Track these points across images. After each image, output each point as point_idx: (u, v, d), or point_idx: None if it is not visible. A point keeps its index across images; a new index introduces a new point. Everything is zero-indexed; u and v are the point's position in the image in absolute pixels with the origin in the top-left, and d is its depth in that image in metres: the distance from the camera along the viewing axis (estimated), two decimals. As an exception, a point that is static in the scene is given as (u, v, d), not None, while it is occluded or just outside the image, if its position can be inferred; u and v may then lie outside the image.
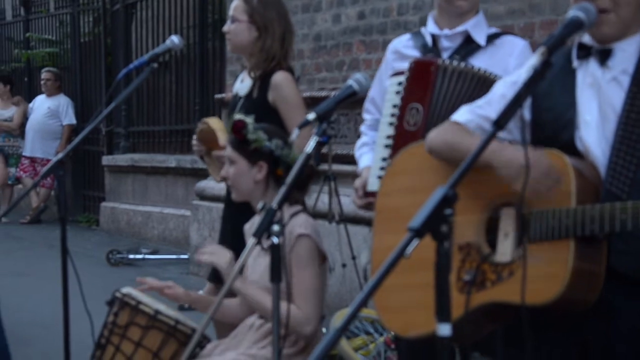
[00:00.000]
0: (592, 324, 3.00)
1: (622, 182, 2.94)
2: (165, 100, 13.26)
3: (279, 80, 5.15)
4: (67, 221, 5.41)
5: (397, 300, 3.17)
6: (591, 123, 3.03)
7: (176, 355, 4.26)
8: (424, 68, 3.95)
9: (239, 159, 4.38)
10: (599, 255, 2.93)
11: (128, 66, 5.64)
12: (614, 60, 3.04)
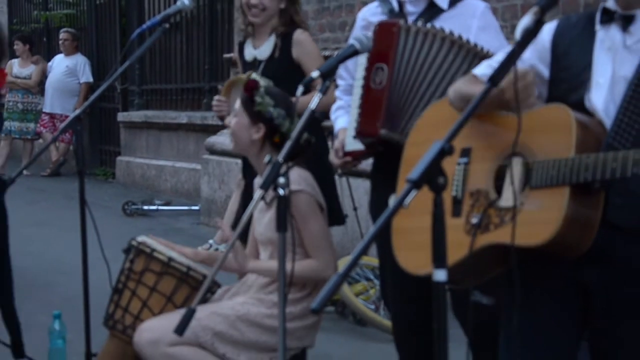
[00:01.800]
0: (589, 270, 3.00)
1: (625, 138, 2.93)
2: (176, 59, 13.24)
3: (302, 38, 5.24)
4: (84, 174, 5.42)
5: (413, 241, 3.17)
6: (603, 85, 3.01)
7: (188, 299, 4.28)
8: (387, 29, 3.94)
9: (242, 114, 4.40)
10: (594, 204, 2.92)
11: (141, 26, 5.63)
12: (636, 26, 3.00)
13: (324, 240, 4.38)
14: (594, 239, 2.92)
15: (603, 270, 2.99)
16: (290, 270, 3.76)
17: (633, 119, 2.94)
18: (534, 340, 3.09)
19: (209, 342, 4.23)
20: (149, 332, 4.26)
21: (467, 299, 3.54)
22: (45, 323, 5.71)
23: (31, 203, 11.75)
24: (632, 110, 2.94)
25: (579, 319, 3.13)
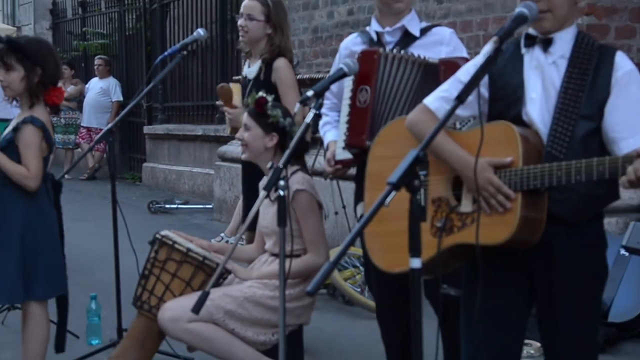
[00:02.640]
0: (536, 257, 3.01)
1: (560, 145, 2.95)
2: (193, 81, 13.23)
3: (279, 65, 5.17)
4: (116, 178, 5.46)
5: (384, 243, 3.19)
6: (536, 99, 3.02)
7: (204, 284, 4.26)
8: (369, 56, 3.93)
9: (255, 127, 4.39)
10: (541, 205, 2.93)
11: (163, 53, 5.66)
12: (554, 47, 3.03)
13: (319, 233, 4.39)
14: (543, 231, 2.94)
15: (546, 258, 3.01)
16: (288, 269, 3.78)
17: (564, 128, 2.95)
18: (493, 317, 3.09)
19: (221, 320, 4.23)
20: (171, 311, 4.26)
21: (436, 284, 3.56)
22: (83, 303, 5.72)
23: (71, 202, 11.69)
24: (563, 120, 2.96)
25: (528, 298, 3.14)
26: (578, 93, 2.97)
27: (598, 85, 2.97)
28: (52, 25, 19.30)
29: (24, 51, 4.39)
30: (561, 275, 3.03)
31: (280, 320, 3.66)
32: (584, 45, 3.03)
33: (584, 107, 2.96)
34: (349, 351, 5.49)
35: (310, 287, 2.58)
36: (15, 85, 4.38)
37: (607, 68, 2.98)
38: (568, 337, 3.09)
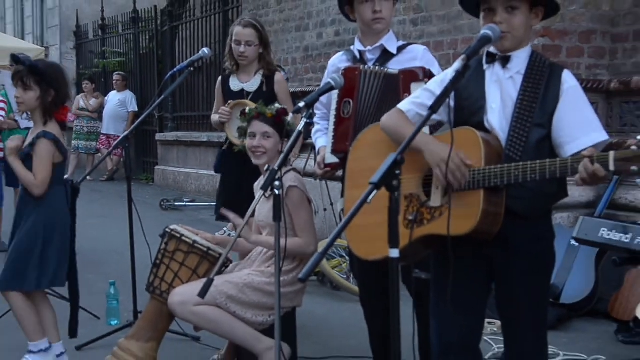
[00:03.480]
0: (495, 248, 3.02)
1: (517, 148, 2.97)
2: (199, 93, 13.23)
3: (279, 79, 5.24)
4: (131, 179, 5.44)
5: (362, 234, 3.18)
6: (496, 109, 3.04)
7: (208, 272, 4.26)
8: (351, 72, 3.92)
9: (275, 135, 4.35)
10: (500, 200, 2.94)
11: (173, 69, 5.64)
12: (512, 64, 3.05)
13: (309, 224, 4.37)
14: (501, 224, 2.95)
15: (504, 248, 3.02)
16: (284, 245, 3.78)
17: (520, 134, 2.98)
18: (459, 299, 3.09)
19: (224, 303, 4.21)
20: (179, 296, 4.24)
21: (410, 270, 3.58)
22: (103, 289, 5.73)
23: (93, 201, 11.73)
24: (519, 127, 2.98)
25: (488, 282, 3.16)
26: (532, 104, 3.01)
27: (548, 97, 3.01)
28: (76, 45, 19.30)
29: (42, 75, 4.47)
30: (517, 263, 3.05)
31: (276, 303, 3.64)
32: (537, 63, 3.07)
33: (536, 116, 2.99)
34: (336, 330, 5.49)
35: (302, 275, 2.59)
36: (31, 103, 4.46)
37: (556, 83, 3.02)
38: (523, 315, 3.12)
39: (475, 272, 3.11)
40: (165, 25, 14.38)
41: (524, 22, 3.01)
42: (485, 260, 3.09)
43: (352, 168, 3.45)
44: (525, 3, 2.98)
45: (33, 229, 4.44)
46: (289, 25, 9.57)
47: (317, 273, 6.67)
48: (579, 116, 2.98)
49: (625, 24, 6.40)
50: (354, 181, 3.41)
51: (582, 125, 2.96)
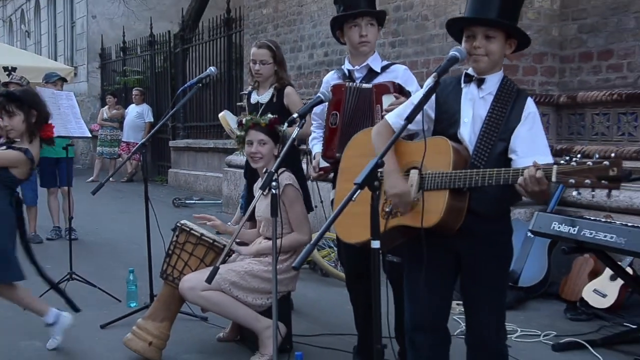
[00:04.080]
0: (462, 240, 3.02)
1: (481, 158, 2.99)
2: (206, 106, 13.22)
3: (289, 92, 5.18)
4: (148, 180, 5.42)
5: (346, 221, 3.16)
6: (467, 123, 3.05)
7: (213, 261, 4.25)
8: (339, 88, 3.91)
9: (270, 141, 4.36)
10: (463, 200, 2.95)
11: (184, 85, 5.61)
12: (485, 85, 3.06)
13: (303, 217, 4.38)
14: (463, 221, 2.96)
15: (468, 240, 3.02)
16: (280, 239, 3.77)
17: (485, 146, 2.99)
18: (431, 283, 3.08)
19: (228, 288, 4.20)
20: (189, 282, 4.22)
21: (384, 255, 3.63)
22: (123, 275, 5.70)
23: (115, 199, 11.71)
24: (485, 140, 3.00)
25: (454, 270, 3.16)
26: (498, 122, 3.02)
27: (512, 117, 3.02)
28: (101, 65, 19.27)
29: (20, 99, 4.42)
30: (480, 253, 3.07)
31: (273, 288, 3.62)
32: (507, 87, 3.08)
33: (501, 133, 3.00)
34: (326, 311, 5.46)
35: (295, 263, 2.62)
36: (19, 127, 4.39)
37: (520, 107, 3.03)
38: (485, 298, 3.12)
39: (444, 261, 3.10)
40: (178, 48, 14.38)
41: (499, 48, 3.02)
42: (453, 250, 3.09)
43: (345, 164, 3.47)
44: (501, 34, 3.01)
45: None
46: (284, 47, 9.54)
47: (309, 262, 6.65)
48: (533, 139, 2.99)
49: (571, 47, 6.42)
50: (345, 176, 3.43)
51: (534, 147, 2.96)
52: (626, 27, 5.96)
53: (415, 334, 3.16)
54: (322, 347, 4.55)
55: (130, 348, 4.31)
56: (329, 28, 4.08)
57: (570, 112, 6.40)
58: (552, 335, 4.82)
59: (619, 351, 4.52)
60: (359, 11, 3.93)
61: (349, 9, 3.95)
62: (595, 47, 6.22)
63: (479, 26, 2.99)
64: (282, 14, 9.70)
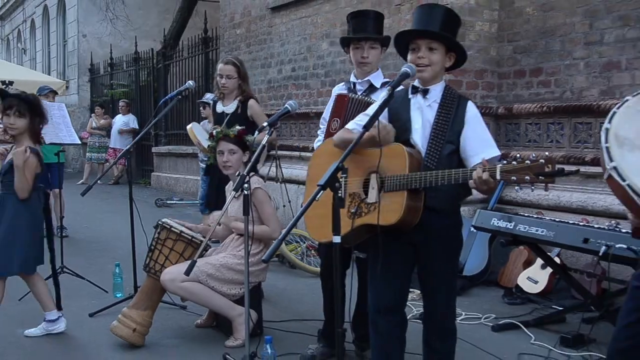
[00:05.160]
0: (417, 234, 3.02)
1: (433, 160, 2.99)
2: (186, 116, 13.03)
3: (252, 104, 5.16)
4: (132, 183, 5.35)
5: (316, 223, 3.18)
6: (418, 129, 3.05)
7: (192, 255, 4.19)
8: (342, 99, 3.88)
9: (239, 150, 4.32)
10: (420, 199, 2.95)
11: (165, 97, 5.57)
12: (430, 94, 3.08)
13: (272, 215, 4.35)
14: (420, 217, 2.96)
15: (424, 234, 3.02)
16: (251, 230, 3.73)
17: (435, 149, 3.00)
18: (391, 273, 3.10)
19: (204, 280, 4.16)
20: (169, 274, 4.18)
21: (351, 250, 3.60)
22: (110, 269, 5.63)
23: (102, 200, 11.55)
24: (434, 143, 3.00)
25: (411, 259, 3.15)
26: (444, 126, 3.03)
27: (457, 121, 3.03)
28: (90, 79, 19.01)
29: (32, 105, 4.36)
30: (434, 245, 3.07)
31: (245, 279, 3.59)
32: (449, 94, 3.09)
33: (448, 135, 3.01)
34: (293, 299, 5.43)
35: (265, 256, 2.60)
36: (22, 128, 4.30)
37: (463, 110, 3.05)
38: (438, 285, 3.13)
39: (402, 252, 3.10)
40: (160, 64, 14.24)
41: (440, 59, 3.05)
42: (410, 243, 3.09)
43: (311, 172, 3.44)
44: (442, 46, 3.04)
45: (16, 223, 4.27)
46: (256, 63, 9.50)
47: (278, 255, 6.61)
48: (479, 137, 3.03)
49: (507, 65, 6.48)
50: (313, 181, 3.39)
51: (481, 144, 3.00)
52: (553, 49, 6.04)
53: (377, 316, 3.16)
54: (289, 331, 4.52)
55: (116, 334, 4.25)
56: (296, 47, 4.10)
57: (507, 122, 6.45)
58: (491, 318, 4.86)
59: (548, 330, 4.57)
60: (362, 36, 3.89)
61: (355, 32, 3.93)
62: (528, 66, 6.28)
63: (423, 39, 3.01)
64: (253, 34, 9.65)
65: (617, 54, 5.54)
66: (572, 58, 5.89)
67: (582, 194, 5.60)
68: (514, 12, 6.36)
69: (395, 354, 3.19)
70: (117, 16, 17.29)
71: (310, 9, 8.33)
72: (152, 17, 18.32)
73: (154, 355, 4.17)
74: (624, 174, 2.05)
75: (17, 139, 4.34)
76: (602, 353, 3.98)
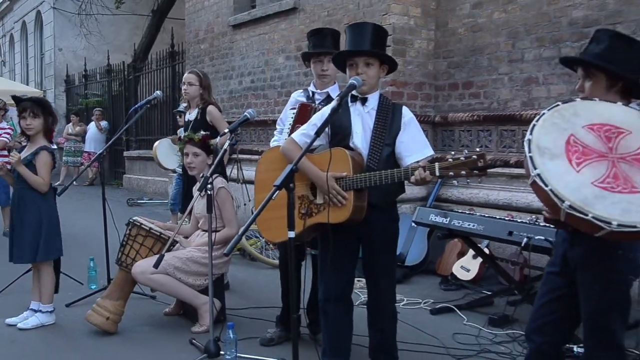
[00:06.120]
0: (361, 229, 3.04)
1: (374, 161, 3.00)
2: (154, 123, 12.89)
3: (210, 110, 5.07)
4: (105, 184, 5.25)
5: (269, 225, 3.17)
6: (359, 134, 3.07)
7: (160, 250, 4.12)
8: (305, 107, 3.85)
9: (202, 153, 4.27)
10: (364, 197, 2.97)
11: (135, 105, 5.48)
12: (368, 103, 3.10)
13: (233, 214, 4.30)
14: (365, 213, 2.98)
15: (367, 228, 3.04)
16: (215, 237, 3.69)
17: (375, 151, 3.02)
18: (338, 265, 3.10)
19: (172, 272, 4.11)
20: (140, 267, 4.11)
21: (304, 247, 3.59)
22: (85, 263, 5.51)
23: (78, 200, 11.28)
24: (375, 146, 3.02)
25: (356, 254, 3.17)
26: (383, 130, 3.05)
27: (394, 125, 3.06)
28: (66, 89, 18.56)
29: (44, 105, 4.33)
30: (376, 238, 3.09)
31: (209, 271, 3.57)
32: (384, 102, 3.13)
33: (386, 139, 3.04)
34: (253, 289, 5.40)
35: (226, 250, 2.61)
36: (38, 127, 4.28)
37: (398, 116, 3.09)
38: (380, 273, 3.15)
39: (348, 246, 3.11)
40: (131, 75, 14.01)
41: (376, 73, 3.09)
42: (355, 237, 3.10)
43: (258, 178, 3.40)
44: (376, 61, 3.08)
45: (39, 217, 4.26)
46: (219, 75, 9.42)
47: (239, 249, 6.57)
48: (414, 138, 3.06)
49: (443, 79, 6.56)
50: (260, 187, 3.37)
51: (416, 144, 3.03)
52: (482, 65, 6.15)
53: (327, 304, 3.16)
54: (250, 317, 4.50)
55: (91, 322, 4.17)
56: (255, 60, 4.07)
57: (443, 129, 6.54)
58: (429, 302, 4.91)
59: (478, 312, 4.64)
60: (322, 51, 3.89)
61: (316, 48, 3.92)
62: (460, 79, 6.38)
63: (360, 56, 3.04)
64: (216, 49, 9.57)
65: (535, 70, 5.68)
66: (497, 73, 6.01)
67: (508, 193, 5.72)
68: (448, 32, 6.46)
69: (344, 337, 3.21)
70: (90, 32, 16.94)
71: (267, 26, 8.30)
72: (123, 32, 18.00)
73: (126, 341, 4.10)
74: (547, 180, 2.10)
75: (32, 139, 4.31)
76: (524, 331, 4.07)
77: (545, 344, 2.52)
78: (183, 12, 10.88)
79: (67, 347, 3.99)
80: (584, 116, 2.28)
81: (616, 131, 2.23)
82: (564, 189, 2.08)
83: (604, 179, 2.11)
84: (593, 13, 5.23)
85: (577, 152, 2.17)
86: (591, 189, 2.08)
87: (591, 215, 2.01)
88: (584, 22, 5.30)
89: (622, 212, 2.02)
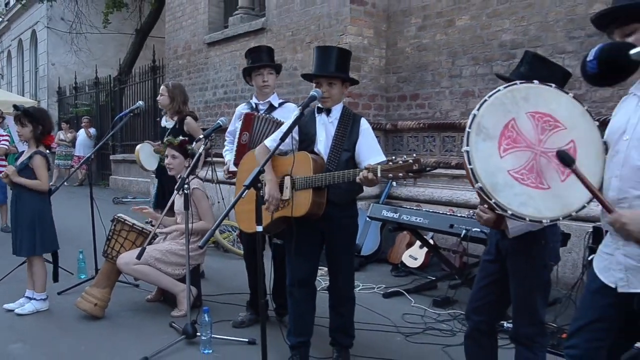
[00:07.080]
0: (324, 223, 3.02)
1: (333, 164, 3.01)
2: (137, 130, 12.65)
3: (188, 121, 4.99)
4: (93, 184, 5.12)
5: (243, 217, 3.17)
6: (322, 141, 3.07)
7: (142, 243, 4.05)
8: (249, 117, 3.82)
9: (180, 156, 4.20)
10: (323, 195, 2.97)
11: (120, 114, 5.37)
12: (332, 114, 3.10)
13: (208, 210, 4.23)
14: (324, 209, 2.97)
15: (329, 223, 3.04)
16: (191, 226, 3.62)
17: (335, 155, 3.03)
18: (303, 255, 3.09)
19: (153, 263, 4.04)
20: (124, 259, 4.03)
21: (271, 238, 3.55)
22: (75, 255, 5.38)
23: (69, 199, 10.99)
24: (334, 151, 3.03)
25: (319, 245, 3.16)
26: (342, 138, 3.06)
27: (353, 134, 3.06)
28: (58, 99, 18.09)
29: (32, 116, 4.21)
30: (337, 231, 3.09)
31: (187, 262, 3.51)
32: (346, 113, 3.13)
33: (345, 145, 3.04)
34: (226, 277, 5.34)
35: (201, 243, 2.62)
36: (27, 135, 4.20)
37: (357, 125, 3.10)
38: (340, 263, 3.15)
39: (312, 238, 3.11)
40: (116, 87, 13.74)
41: (338, 91, 3.10)
42: (319, 230, 3.10)
43: (239, 177, 3.40)
44: (339, 81, 3.08)
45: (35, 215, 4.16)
46: (195, 87, 9.30)
47: (214, 242, 6.49)
48: (369, 146, 3.06)
49: (393, 91, 6.61)
50: (239, 184, 3.37)
51: (371, 151, 3.03)
52: (426, 80, 6.21)
53: (293, 288, 3.16)
54: (223, 303, 4.44)
55: (80, 308, 4.08)
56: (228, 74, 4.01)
57: (394, 135, 6.58)
58: (382, 287, 4.93)
59: (424, 295, 4.68)
60: (262, 64, 3.88)
61: (255, 62, 3.90)
62: (408, 92, 6.43)
63: (324, 78, 3.05)
64: (193, 64, 9.45)
65: (471, 85, 5.76)
66: (440, 87, 6.08)
67: (449, 191, 5.79)
68: (397, 51, 6.51)
69: (307, 318, 3.21)
70: (80, 48, 16.67)
71: (239, 44, 8.23)
72: (110, 49, 17.66)
73: (113, 325, 4.01)
74: (472, 159, 2.00)
75: (29, 144, 4.25)
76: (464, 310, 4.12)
77: (482, 322, 2.55)
78: (163, 31, 10.73)
79: (60, 331, 3.89)
80: (532, 102, 2.08)
81: (554, 124, 2.06)
82: (483, 171, 1.99)
83: (520, 170, 2.01)
84: (518, 37, 5.34)
85: (510, 137, 2.03)
86: (504, 177, 2.00)
87: (493, 200, 1.97)
88: (511, 44, 5.40)
89: (519, 204, 1.97)
